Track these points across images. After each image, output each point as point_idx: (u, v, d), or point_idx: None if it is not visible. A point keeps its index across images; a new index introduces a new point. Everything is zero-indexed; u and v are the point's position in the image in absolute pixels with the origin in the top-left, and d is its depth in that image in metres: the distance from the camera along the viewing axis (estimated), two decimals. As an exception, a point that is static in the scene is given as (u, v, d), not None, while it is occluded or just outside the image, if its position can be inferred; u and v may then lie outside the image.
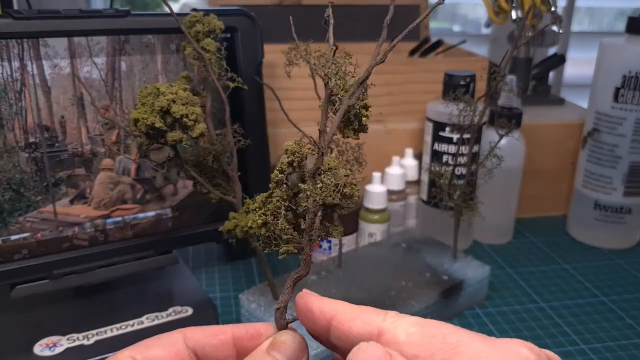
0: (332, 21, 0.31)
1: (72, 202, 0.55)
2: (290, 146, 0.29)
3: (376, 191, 0.69)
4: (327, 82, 0.29)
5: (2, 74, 0.50)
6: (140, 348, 0.29)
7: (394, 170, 0.73)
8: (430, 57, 0.87)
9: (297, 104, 0.66)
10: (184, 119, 0.44)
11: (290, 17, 0.41)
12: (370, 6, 0.93)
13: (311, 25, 0.89)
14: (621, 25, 1.81)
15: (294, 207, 0.30)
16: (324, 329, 0.29)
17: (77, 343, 0.55)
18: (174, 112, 0.43)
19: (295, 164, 0.29)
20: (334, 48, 0.30)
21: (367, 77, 0.29)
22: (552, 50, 1.17)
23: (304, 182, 0.29)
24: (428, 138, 0.72)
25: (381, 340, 0.27)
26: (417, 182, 0.77)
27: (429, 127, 0.72)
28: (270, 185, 0.30)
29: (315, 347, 0.49)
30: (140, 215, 0.59)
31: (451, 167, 0.63)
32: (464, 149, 0.67)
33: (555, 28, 0.89)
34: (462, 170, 0.68)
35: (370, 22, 0.93)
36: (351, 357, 0.27)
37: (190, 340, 0.30)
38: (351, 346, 0.27)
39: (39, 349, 0.55)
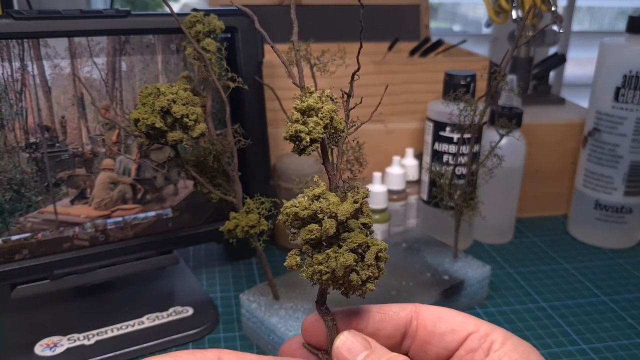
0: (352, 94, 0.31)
1: (72, 202, 0.55)
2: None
3: (377, 191, 0.69)
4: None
5: (2, 74, 0.50)
6: None
7: (394, 170, 0.73)
8: (430, 57, 0.87)
9: (297, 104, 0.66)
10: (185, 119, 0.44)
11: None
12: (369, 6, 0.93)
13: (311, 25, 0.89)
14: (622, 25, 1.80)
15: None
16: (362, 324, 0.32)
17: (77, 343, 0.55)
18: (175, 112, 0.43)
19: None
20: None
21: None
22: (552, 50, 1.17)
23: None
24: (428, 138, 0.72)
25: (418, 313, 0.32)
26: (418, 182, 0.77)
27: (430, 126, 0.72)
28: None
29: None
30: (141, 215, 0.59)
31: (452, 167, 0.63)
32: (465, 149, 0.67)
33: (555, 28, 0.89)
34: (462, 170, 0.68)
35: (370, 22, 0.93)
36: (337, 344, 0.31)
37: None
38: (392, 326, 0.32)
39: (39, 349, 0.55)
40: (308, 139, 0.28)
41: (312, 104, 0.28)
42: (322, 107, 0.28)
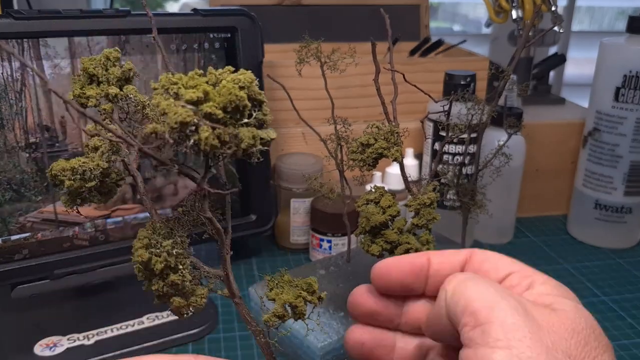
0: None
1: (72, 202, 0.55)
2: None
3: (377, 191, 0.69)
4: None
5: (2, 74, 0.50)
6: None
7: (394, 169, 0.73)
8: (430, 57, 0.87)
9: (296, 104, 0.66)
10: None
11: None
12: (370, 6, 0.93)
13: (311, 25, 0.89)
14: (622, 25, 1.81)
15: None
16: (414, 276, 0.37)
17: (77, 343, 0.55)
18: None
19: None
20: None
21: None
22: (552, 50, 1.17)
23: None
24: (429, 138, 0.72)
25: (471, 256, 0.36)
26: (418, 182, 0.77)
27: (430, 127, 0.72)
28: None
29: (322, 340, 0.49)
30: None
31: (457, 166, 0.63)
32: (462, 149, 0.67)
33: (555, 27, 0.89)
34: (466, 170, 0.68)
35: (370, 22, 0.93)
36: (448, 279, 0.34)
37: None
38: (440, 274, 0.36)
39: (39, 349, 0.55)
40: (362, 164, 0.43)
41: (364, 141, 0.42)
42: (374, 144, 0.42)
